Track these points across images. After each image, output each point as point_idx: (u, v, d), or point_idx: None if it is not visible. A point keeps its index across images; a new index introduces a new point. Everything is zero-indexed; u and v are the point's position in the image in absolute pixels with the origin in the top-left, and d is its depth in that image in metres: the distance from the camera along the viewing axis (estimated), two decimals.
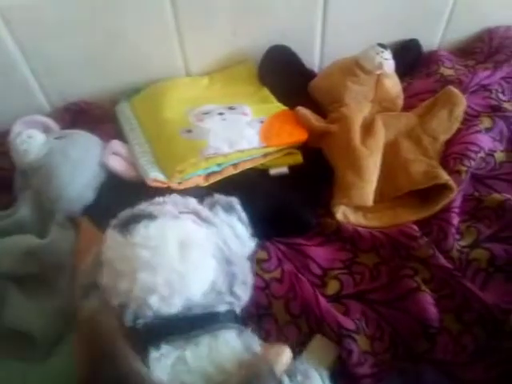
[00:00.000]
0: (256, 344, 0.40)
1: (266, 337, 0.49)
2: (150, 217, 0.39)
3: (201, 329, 0.38)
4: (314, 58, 0.82)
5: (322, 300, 0.50)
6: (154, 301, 0.36)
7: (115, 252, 0.39)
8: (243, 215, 0.48)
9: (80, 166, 0.59)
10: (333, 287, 0.54)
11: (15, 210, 0.59)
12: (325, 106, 0.70)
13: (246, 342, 0.40)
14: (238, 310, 0.43)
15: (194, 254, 0.38)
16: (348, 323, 0.48)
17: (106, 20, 0.67)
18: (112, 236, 0.40)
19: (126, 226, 0.39)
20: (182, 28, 0.71)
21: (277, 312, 0.51)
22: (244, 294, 0.44)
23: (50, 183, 0.58)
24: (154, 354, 0.35)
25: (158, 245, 0.38)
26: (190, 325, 0.38)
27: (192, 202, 0.46)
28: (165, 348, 0.36)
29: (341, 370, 0.46)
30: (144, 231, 0.38)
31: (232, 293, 0.42)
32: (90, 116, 0.73)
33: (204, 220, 0.43)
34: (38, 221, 0.58)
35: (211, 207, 0.47)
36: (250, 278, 0.45)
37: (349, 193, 0.57)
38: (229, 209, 0.47)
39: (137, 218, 0.39)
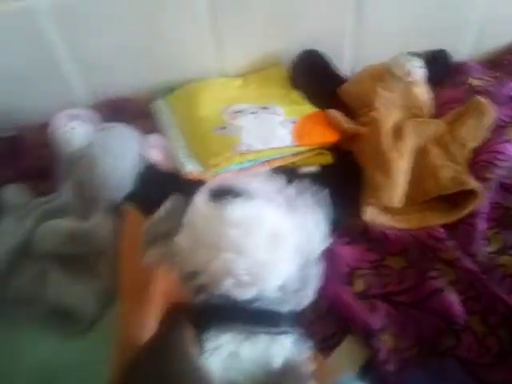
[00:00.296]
0: (306, 352, 0.40)
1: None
2: (248, 195, 0.38)
3: (263, 326, 0.36)
4: (344, 64, 0.84)
5: (350, 300, 0.52)
6: (228, 283, 0.34)
7: (204, 221, 0.37)
8: (329, 213, 0.45)
9: (120, 156, 0.62)
10: (359, 286, 0.55)
11: (58, 196, 0.63)
12: (354, 111, 0.72)
13: (299, 351, 0.39)
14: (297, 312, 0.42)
15: (282, 246, 0.37)
16: (375, 322, 0.49)
17: (146, 19, 0.70)
18: (203, 203, 0.38)
19: (221, 198, 0.37)
20: (219, 30, 0.74)
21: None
22: (308, 298, 0.42)
23: (92, 173, 0.61)
24: (211, 344, 0.34)
25: (250, 228, 0.36)
26: (252, 317, 0.36)
27: (286, 186, 0.43)
28: (224, 338, 0.34)
29: (368, 367, 0.47)
30: (240, 210, 0.36)
31: (299, 295, 0.40)
32: (127, 112, 0.76)
33: (295, 209, 0.41)
34: (80, 207, 0.61)
35: (299, 193, 0.44)
36: (318, 283, 0.43)
37: (377, 193, 0.59)
38: (318, 203, 0.44)
39: (234, 193, 0.38)
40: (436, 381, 0.46)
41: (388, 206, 0.61)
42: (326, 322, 0.51)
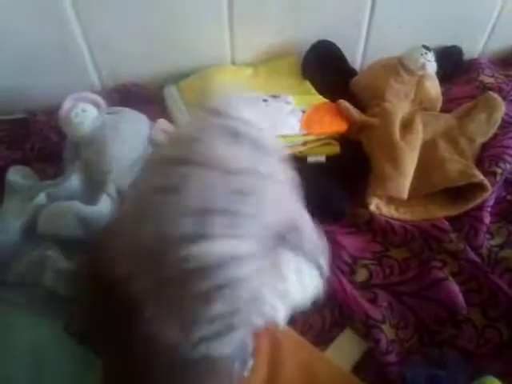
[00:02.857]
0: None
1: (291, 323, 0.49)
2: None
3: None
4: (356, 56, 0.84)
5: (350, 290, 0.52)
6: None
7: None
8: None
9: (130, 140, 0.63)
10: (362, 275, 0.56)
11: (65, 179, 0.63)
12: (365, 103, 0.72)
13: None
14: None
15: None
16: (375, 313, 0.50)
17: (161, 4, 0.70)
18: None
19: None
20: (235, 18, 0.74)
21: None
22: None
23: (101, 156, 0.61)
24: None
25: None
26: None
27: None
28: None
29: (369, 358, 0.48)
30: None
31: None
32: (138, 97, 0.77)
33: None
34: (87, 191, 0.61)
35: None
36: None
37: (385, 184, 0.59)
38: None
39: None
40: (436, 370, 0.46)
41: (393, 198, 0.62)
42: (322, 315, 0.51)
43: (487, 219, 0.59)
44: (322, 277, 0.29)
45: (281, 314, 0.28)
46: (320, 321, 0.51)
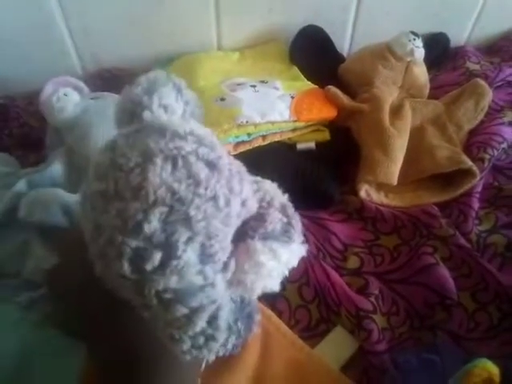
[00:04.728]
0: None
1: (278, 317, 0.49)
2: None
3: None
4: (344, 42, 0.83)
5: (338, 283, 0.51)
6: None
7: None
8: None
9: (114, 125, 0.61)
10: (353, 262, 0.56)
11: (47, 166, 0.61)
12: (354, 89, 0.72)
13: None
14: None
15: None
16: (365, 304, 0.49)
17: None
18: None
19: None
20: (221, 2, 0.72)
21: (289, 295, 0.51)
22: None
23: (85, 142, 0.59)
24: None
25: None
26: None
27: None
28: None
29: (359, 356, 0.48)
30: None
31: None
32: (122, 83, 0.73)
33: None
34: (70, 178, 0.59)
35: None
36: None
37: (375, 170, 0.59)
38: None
39: None
40: (427, 355, 0.46)
41: (382, 184, 0.61)
42: (309, 310, 0.51)
43: (476, 205, 0.59)
44: (299, 248, 0.30)
45: (275, 286, 0.29)
46: (307, 316, 0.50)
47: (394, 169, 0.59)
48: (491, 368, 0.40)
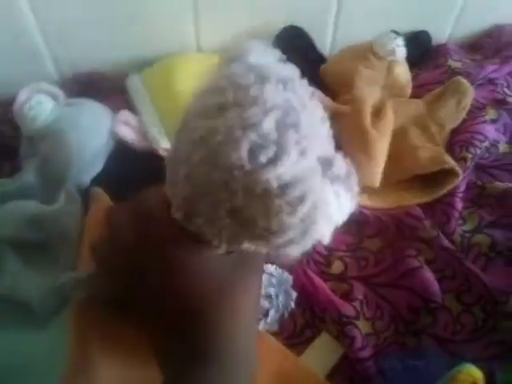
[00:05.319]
0: None
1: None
2: None
3: None
4: (325, 42, 0.82)
5: (322, 288, 0.50)
6: None
7: None
8: None
9: (90, 133, 0.59)
10: (337, 267, 0.55)
11: (20, 176, 0.59)
12: (335, 90, 0.71)
13: None
14: None
15: None
16: (348, 310, 0.49)
17: None
18: None
19: None
20: (199, 4, 0.71)
21: None
22: None
23: (59, 151, 0.57)
24: None
25: None
26: None
27: None
28: None
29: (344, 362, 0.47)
30: None
31: None
32: (99, 88, 0.73)
33: None
34: (44, 189, 0.57)
35: None
36: None
37: (358, 173, 0.58)
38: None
39: None
40: (414, 361, 0.46)
41: (365, 186, 0.61)
42: (293, 317, 0.50)
43: (459, 205, 0.59)
44: (354, 198, 0.31)
45: (327, 236, 0.30)
46: (291, 323, 0.50)
47: (376, 171, 0.59)
48: (475, 373, 0.40)
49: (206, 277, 0.31)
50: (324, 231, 0.29)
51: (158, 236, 0.32)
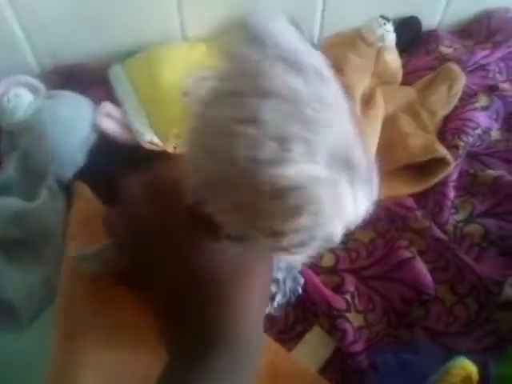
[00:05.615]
0: None
1: None
2: None
3: None
4: (313, 29, 0.80)
5: (313, 282, 0.49)
6: None
7: None
8: None
9: (72, 126, 0.57)
10: (328, 260, 0.54)
11: (0, 172, 0.57)
12: None
13: None
14: None
15: None
16: (339, 303, 0.48)
17: None
18: None
19: None
20: None
21: None
22: None
23: (40, 145, 0.55)
24: None
25: None
26: None
27: None
28: None
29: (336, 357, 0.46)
30: None
31: None
32: (81, 79, 0.70)
33: None
34: (25, 184, 0.56)
35: None
36: None
37: None
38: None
39: None
40: (406, 355, 0.45)
41: None
42: (285, 311, 0.49)
43: (451, 194, 0.58)
44: (372, 197, 0.30)
45: (338, 235, 0.29)
46: (283, 318, 0.49)
47: None
48: (469, 366, 0.39)
49: (218, 264, 0.31)
50: (336, 232, 0.28)
51: (174, 212, 0.31)
